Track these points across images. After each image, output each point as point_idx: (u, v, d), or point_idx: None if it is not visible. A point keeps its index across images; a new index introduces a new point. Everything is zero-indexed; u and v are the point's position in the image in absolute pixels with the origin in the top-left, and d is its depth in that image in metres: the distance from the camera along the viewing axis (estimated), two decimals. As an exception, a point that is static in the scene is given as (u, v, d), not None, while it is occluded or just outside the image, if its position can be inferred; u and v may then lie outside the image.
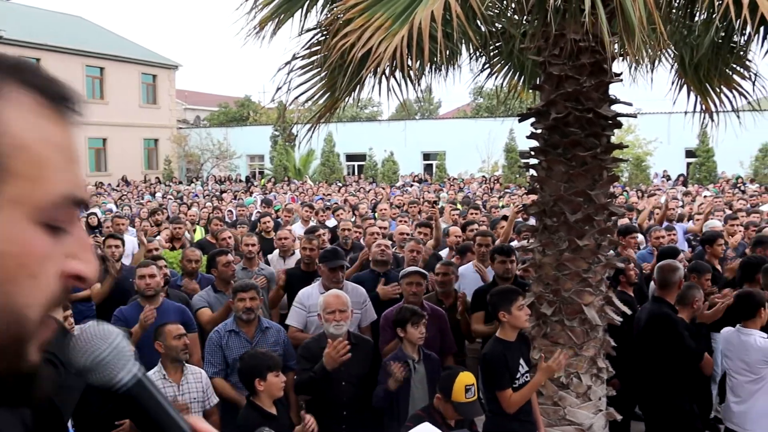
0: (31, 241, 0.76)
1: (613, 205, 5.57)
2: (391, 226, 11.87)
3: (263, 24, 5.35)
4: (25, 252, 0.76)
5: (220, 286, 7.11)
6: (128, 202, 23.79)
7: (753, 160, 33.99)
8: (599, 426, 5.50)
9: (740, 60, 6.26)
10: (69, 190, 0.79)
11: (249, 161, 45.95)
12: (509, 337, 5.14)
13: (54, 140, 0.79)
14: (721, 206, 15.43)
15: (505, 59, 6.81)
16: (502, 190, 25.97)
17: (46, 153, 0.77)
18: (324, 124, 6.07)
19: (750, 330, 5.62)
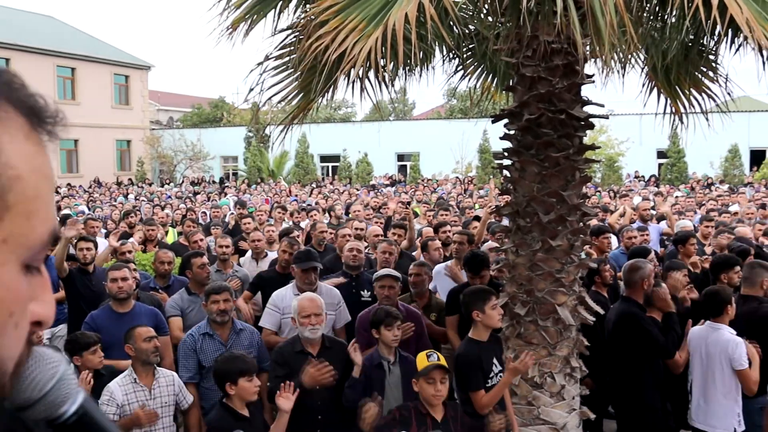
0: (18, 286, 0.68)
1: (585, 205, 5.61)
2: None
3: (236, 24, 5.33)
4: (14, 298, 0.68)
5: (194, 288, 7.07)
6: (100, 204, 23.56)
7: (723, 161, 34.47)
8: (573, 425, 5.53)
9: (709, 63, 6.33)
10: (53, 226, 0.71)
11: (223, 163, 45.75)
12: (482, 337, 5.17)
13: (44, 170, 0.71)
14: (692, 206, 15.62)
15: (478, 61, 6.84)
16: (476, 190, 26.07)
17: (40, 186, 0.69)
18: (298, 125, 6.05)
19: (719, 325, 5.71)
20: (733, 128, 8.90)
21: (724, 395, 5.64)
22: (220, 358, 5.00)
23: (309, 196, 24.05)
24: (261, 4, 5.41)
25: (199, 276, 7.12)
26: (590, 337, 5.74)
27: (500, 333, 5.53)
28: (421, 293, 6.92)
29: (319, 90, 5.04)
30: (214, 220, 13.96)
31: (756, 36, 3.80)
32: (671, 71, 6.30)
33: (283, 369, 5.27)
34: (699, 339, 5.85)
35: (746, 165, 34.99)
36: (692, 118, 6.74)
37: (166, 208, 18.85)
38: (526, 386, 5.44)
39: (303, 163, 40.26)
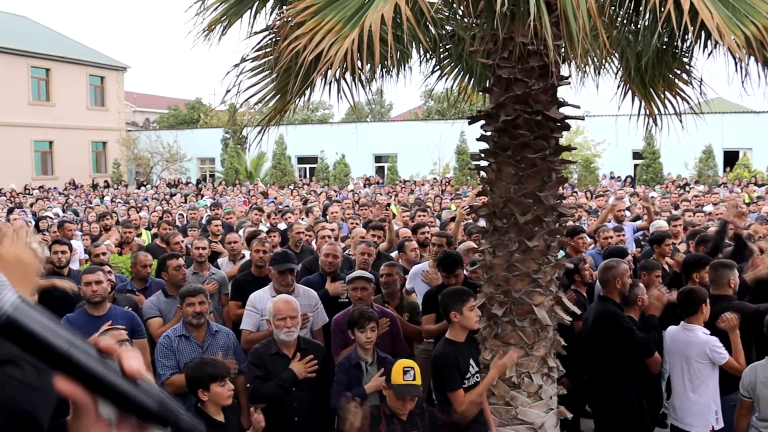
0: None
1: (562, 206, 5.64)
2: (342, 228, 11.87)
3: (212, 26, 5.32)
4: None
5: (170, 290, 7.03)
6: (75, 206, 23.35)
7: (697, 162, 34.84)
8: (550, 424, 5.56)
9: (683, 66, 6.41)
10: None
11: (200, 164, 45.51)
12: (459, 337, 5.19)
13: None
14: (668, 206, 15.76)
15: (455, 62, 6.86)
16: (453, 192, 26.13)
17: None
18: (275, 126, 6.04)
19: (693, 325, 5.78)
20: (707, 129, 9.00)
21: (702, 394, 5.70)
22: (191, 364, 4.93)
23: (291, 197, 23.98)
24: (237, 5, 5.40)
25: (175, 278, 7.08)
26: (566, 337, 5.78)
27: (477, 334, 5.55)
28: (393, 294, 6.91)
29: (295, 91, 5.03)
30: (191, 222, 13.88)
31: (726, 41, 3.85)
32: (646, 73, 6.36)
33: (260, 370, 5.26)
34: (674, 339, 5.91)
35: (720, 166, 35.39)
36: (666, 120, 6.81)
37: (143, 210, 18.74)
38: (503, 386, 5.46)
39: (280, 164, 40.14)
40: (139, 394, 1.02)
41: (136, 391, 1.02)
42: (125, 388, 1.01)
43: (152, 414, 1.03)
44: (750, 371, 5.32)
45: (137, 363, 1.03)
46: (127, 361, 1.02)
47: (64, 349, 1.00)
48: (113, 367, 1.02)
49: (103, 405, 1.03)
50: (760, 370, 5.24)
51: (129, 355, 1.04)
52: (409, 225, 11.02)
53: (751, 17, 4.05)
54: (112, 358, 1.03)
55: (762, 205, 14.71)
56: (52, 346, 1.00)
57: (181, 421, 1.05)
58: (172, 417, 1.05)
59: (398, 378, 4.51)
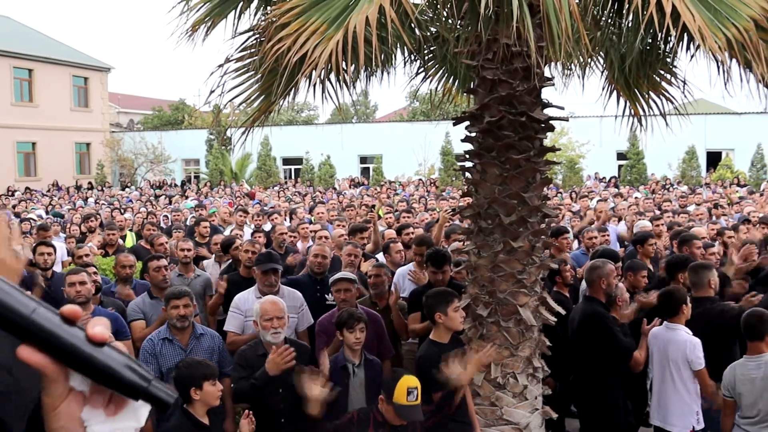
0: None
1: (546, 207, 5.67)
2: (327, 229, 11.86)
3: (196, 26, 5.30)
4: None
5: (155, 292, 7.00)
6: (58, 208, 23.20)
7: (680, 163, 35.07)
8: (536, 424, 5.58)
9: (667, 66, 6.45)
10: None
11: (184, 165, 45.33)
12: (443, 338, 5.19)
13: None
14: (651, 207, 15.85)
15: (439, 63, 6.87)
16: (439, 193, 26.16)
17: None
18: (259, 127, 6.03)
19: (676, 325, 5.81)
20: (690, 130, 9.06)
21: (683, 394, 5.73)
22: (182, 364, 4.92)
23: (277, 198, 23.92)
24: (221, 6, 5.38)
25: (155, 279, 7.04)
26: (551, 337, 5.80)
27: (462, 334, 5.56)
28: (381, 294, 6.91)
29: (280, 92, 5.03)
30: (176, 223, 13.82)
31: (708, 43, 3.88)
32: (630, 74, 6.39)
33: (246, 371, 5.25)
34: (657, 339, 5.94)
35: (703, 166, 35.64)
36: (651, 120, 6.85)
37: (127, 211, 18.65)
38: (488, 387, 5.48)
39: (265, 165, 40.03)
40: (104, 359, 1.00)
41: (102, 356, 1.00)
42: (89, 352, 0.99)
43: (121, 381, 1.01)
44: (729, 371, 5.38)
45: (102, 328, 1.01)
46: (92, 326, 1.01)
47: (26, 313, 0.98)
48: (77, 334, 1.00)
49: (74, 377, 1.01)
50: (738, 369, 5.30)
51: (94, 320, 1.02)
52: (394, 226, 11.04)
53: (732, 19, 4.08)
54: (77, 325, 1.01)
55: (744, 206, 14.82)
56: (13, 310, 0.98)
57: (152, 388, 1.03)
58: (142, 385, 1.02)
59: (401, 398, 4.45)
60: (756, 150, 34.18)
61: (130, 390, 1.03)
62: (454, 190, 26.11)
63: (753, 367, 5.20)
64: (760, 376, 5.14)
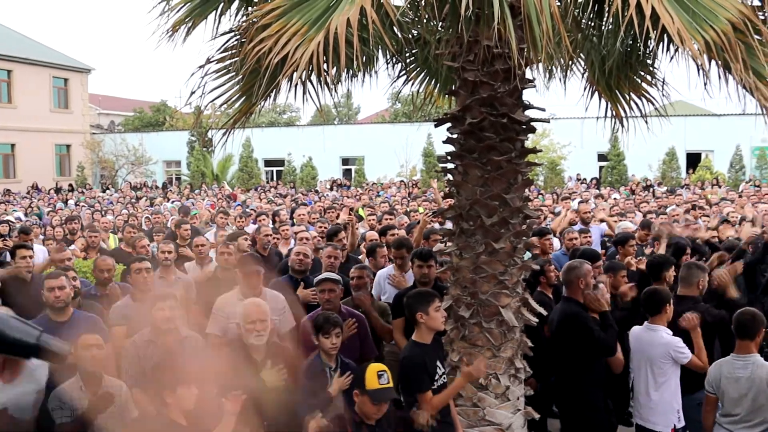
0: None
1: (528, 208, 5.69)
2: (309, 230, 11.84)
3: (176, 27, 5.27)
4: None
5: (138, 294, 6.93)
6: (38, 210, 23.00)
7: (660, 164, 35.34)
8: (518, 425, 5.60)
9: (647, 68, 6.49)
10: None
11: (165, 167, 45.11)
12: (425, 339, 5.18)
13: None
14: (632, 208, 15.95)
15: (421, 65, 6.88)
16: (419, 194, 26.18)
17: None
18: (241, 128, 6.01)
19: (656, 326, 5.85)
20: (670, 132, 9.14)
21: (664, 393, 5.77)
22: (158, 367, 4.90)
23: (259, 200, 23.85)
24: (202, 6, 5.36)
25: (135, 282, 6.98)
26: (533, 338, 5.82)
27: (444, 336, 5.56)
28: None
29: (261, 93, 5.02)
30: (156, 226, 13.74)
31: (687, 46, 3.91)
32: (611, 76, 6.43)
33: (228, 374, 5.22)
34: (638, 339, 5.98)
35: (683, 167, 35.92)
36: (631, 122, 6.89)
37: (108, 213, 18.52)
38: (471, 388, 5.48)
39: (247, 167, 39.92)
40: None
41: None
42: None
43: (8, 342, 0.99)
44: (715, 368, 5.42)
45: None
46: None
47: None
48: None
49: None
50: (724, 367, 5.34)
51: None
52: (376, 228, 11.03)
53: (711, 22, 4.12)
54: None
55: (724, 207, 14.92)
56: None
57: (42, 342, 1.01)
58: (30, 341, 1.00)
59: (373, 383, 4.47)
60: (735, 151, 34.52)
61: (22, 348, 1.00)
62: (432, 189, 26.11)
63: (740, 366, 5.24)
64: (746, 375, 5.17)
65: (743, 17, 4.16)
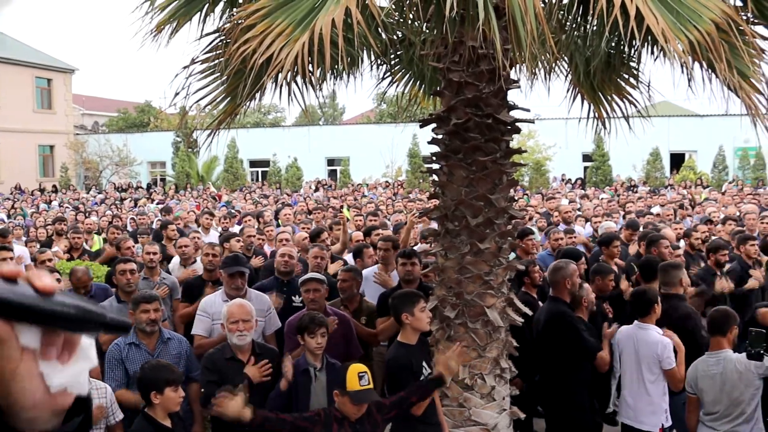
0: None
1: (513, 208, 5.70)
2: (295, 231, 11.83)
3: (160, 27, 5.24)
4: None
5: (122, 296, 6.90)
6: (22, 211, 22.84)
7: (645, 164, 35.54)
8: (503, 425, 5.61)
9: (630, 70, 6.52)
10: None
11: (150, 168, 44.92)
12: (411, 340, 5.18)
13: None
14: (616, 208, 16.02)
15: (406, 66, 6.89)
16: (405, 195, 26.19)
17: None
18: (226, 129, 5.99)
19: (647, 325, 5.86)
20: (654, 132, 9.19)
21: (653, 393, 5.79)
22: (147, 366, 4.90)
23: (244, 201, 23.79)
24: (186, 6, 5.33)
25: (119, 282, 6.94)
26: (518, 338, 5.83)
27: (430, 336, 5.56)
28: (351, 297, 6.91)
29: (246, 94, 5.00)
30: (141, 227, 13.67)
31: (671, 45, 3.93)
32: (594, 78, 6.45)
33: (213, 375, 5.21)
34: (628, 338, 5.99)
35: (667, 168, 36.14)
36: (615, 123, 6.92)
37: (92, 215, 18.42)
38: (456, 388, 5.49)
39: (232, 168, 39.80)
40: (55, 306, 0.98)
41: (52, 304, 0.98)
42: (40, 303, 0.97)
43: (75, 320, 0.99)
44: (692, 368, 5.46)
45: (48, 279, 1.00)
46: (38, 279, 0.99)
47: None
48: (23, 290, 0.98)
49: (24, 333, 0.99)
50: (700, 366, 5.38)
51: (36, 273, 1.00)
52: (362, 229, 11.05)
53: (695, 22, 4.14)
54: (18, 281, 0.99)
55: (706, 207, 15.03)
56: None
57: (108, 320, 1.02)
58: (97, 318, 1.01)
59: (354, 384, 4.47)
60: (718, 151, 34.77)
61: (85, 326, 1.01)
62: (420, 192, 26.14)
63: (713, 363, 5.29)
64: (719, 371, 5.22)
65: (726, 17, 4.18)
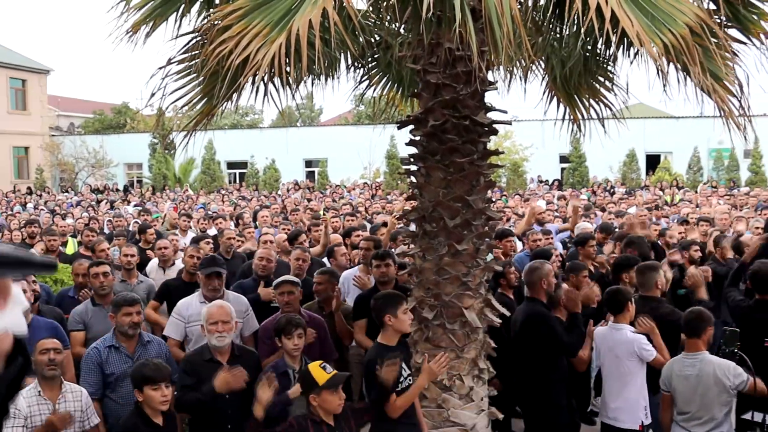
0: None
1: (490, 209, 5.72)
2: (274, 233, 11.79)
3: (136, 27, 5.20)
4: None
5: (97, 299, 6.85)
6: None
7: (621, 166, 35.84)
8: (482, 426, 5.63)
9: (606, 73, 6.57)
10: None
11: (127, 170, 44.60)
12: (391, 341, 5.18)
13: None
14: (594, 209, 16.12)
15: (383, 70, 6.89)
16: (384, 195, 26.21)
17: None
18: (203, 130, 5.96)
19: (621, 324, 5.90)
20: (630, 134, 9.28)
21: (631, 390, 5.81)
22: (137, 364, 4.97)
23: (221, 203, 23.68)
24: (163, 7, 5.29)
25: (93, 285, 6.88)
26: (496, 339, 5.85)
27: (408, 337, 5.56)
28: (328, 300, 6.90)
29: (222, 95, 4.99)
30: (118, 229, 13.57)
31: (646, 48, 3.97)
32: (570, 81, 6.50)
33: (191, 378, 5.18)
34: (603, 338, 6.03)
35: (642, 169, 36.46)
36: (592, 125, 6.97)
37: (68, 217, 18.24)
38: (435, 389, 5.50)
39: (210, 169, 39.61)
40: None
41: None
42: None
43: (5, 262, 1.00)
44: (667, 366, 5.51)
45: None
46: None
47: None
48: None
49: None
50: (675, 365, 5.42)
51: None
52: (339, 231, 11.05)
53: (669, 26, 4.18)
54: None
55: (682, 207, 15.18)
56: None
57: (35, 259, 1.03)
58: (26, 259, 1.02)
59: (322, 376, 4.48)
60: (693, 153, 35.13)
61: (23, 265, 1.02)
62: (397, 193, 26.17)
63: (689, 365, 5.32)
64: (695, 373, 5.26)
65: (700, 21, 4.23)
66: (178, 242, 10.33)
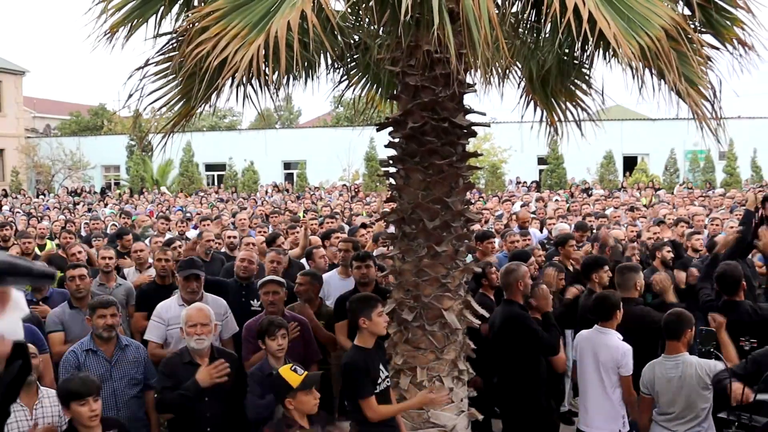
0: None
1: (469, 211, 5.74)
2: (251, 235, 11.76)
3: (114, 29, 5.15)
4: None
5: (75, 301, 6.78)
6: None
7: (598, 167, 36.11)
8: (462, 426, 5.64)
9: (583, 76, 6.62)
10: None
11: (104, 172, 44.30)
12: (368, 344, 5.17)
13: None
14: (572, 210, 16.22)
15: (362, 71, 6.89)
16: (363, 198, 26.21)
17: None
18: (180, 132, 5.92)
19: (607, 329, 5.86)
20: (607, 136, 9.35)
21: (612, 398, 5.77)
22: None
23: (199, 205, 23.56)
24: (141, 8, 5.25)
25: (70, 288, 6.82)
26: (475, 340, 5.87)
27: (388, 339, 5.57)
28: (309, 301, 6.90)
29: (200, 96, 4.96)
30: (95, 231, 13.45)
31: (623, 50, 4.00)
32: (547, 84, 6.54)
33: (171, 380, 5.15)
34: (587, 342, 5.96)
35: (620, 170, 36.76)
36: (569, 127, 7.01)
37: (44, 219, 18.08)
38: (415, 390, 5.50)
39: (188, 171, 39.45)
40: None
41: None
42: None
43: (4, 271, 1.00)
44: (649, 368, 5.50)
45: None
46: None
47: None
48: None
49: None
50: (657, 367, 5.43)
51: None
52: (318, 233, 11.04)
53: (646, 28, 4.22)
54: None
55: (659, 209, 15.29)
56: None
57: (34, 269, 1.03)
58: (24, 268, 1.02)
59: (295, 379, 4.48)
60: (669, 155, 35.47)
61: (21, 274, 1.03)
62: (375, 195, 26.18)
63: (671, 367, 5.33)
64: (677, 375, 5.27)
65: (675, 24, 4.28)
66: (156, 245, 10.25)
